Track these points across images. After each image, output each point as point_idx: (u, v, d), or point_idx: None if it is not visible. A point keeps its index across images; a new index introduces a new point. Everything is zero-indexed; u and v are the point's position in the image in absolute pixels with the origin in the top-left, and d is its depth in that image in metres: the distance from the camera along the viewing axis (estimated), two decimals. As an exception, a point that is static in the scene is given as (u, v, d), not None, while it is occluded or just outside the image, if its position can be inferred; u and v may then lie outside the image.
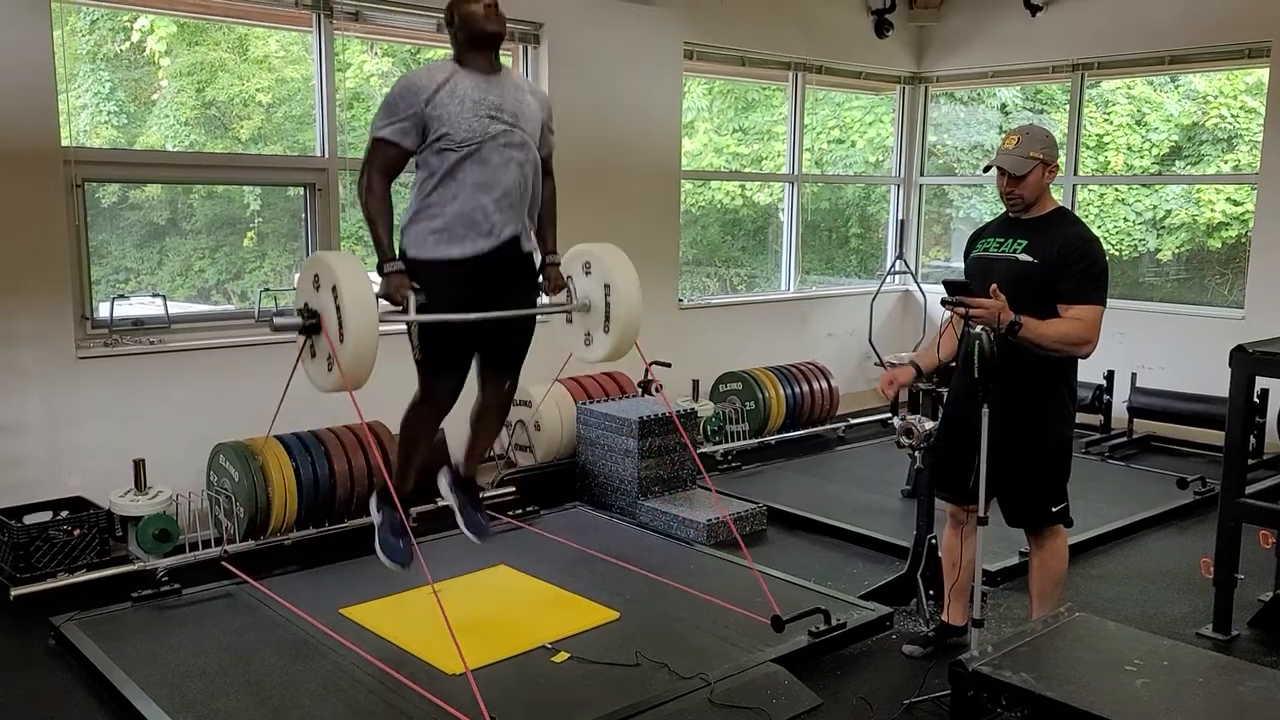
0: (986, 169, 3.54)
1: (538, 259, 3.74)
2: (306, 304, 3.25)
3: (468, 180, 3.39)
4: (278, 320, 3.34)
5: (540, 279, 3.73)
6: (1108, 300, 3.38)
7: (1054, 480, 3.49)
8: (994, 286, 3.23)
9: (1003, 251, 3.45)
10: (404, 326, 3.43)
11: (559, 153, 3.79)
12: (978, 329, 3.16)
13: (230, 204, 6.52)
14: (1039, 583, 3.62)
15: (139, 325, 4.87)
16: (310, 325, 3.22)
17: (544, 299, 3.78)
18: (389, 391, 3.69)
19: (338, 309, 3.10)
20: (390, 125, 3.35)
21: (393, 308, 3.37)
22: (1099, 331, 3.34)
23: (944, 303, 3.31)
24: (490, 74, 3.48)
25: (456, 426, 3.96)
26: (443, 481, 4.00)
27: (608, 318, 3.71)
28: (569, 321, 3.86)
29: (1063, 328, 3.25)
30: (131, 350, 4.76)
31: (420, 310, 3.38)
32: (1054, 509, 3.50)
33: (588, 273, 3.77)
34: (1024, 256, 3.39)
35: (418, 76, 3.41)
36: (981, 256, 3.53)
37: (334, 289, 3.12)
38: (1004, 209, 3.56)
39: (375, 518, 3.77)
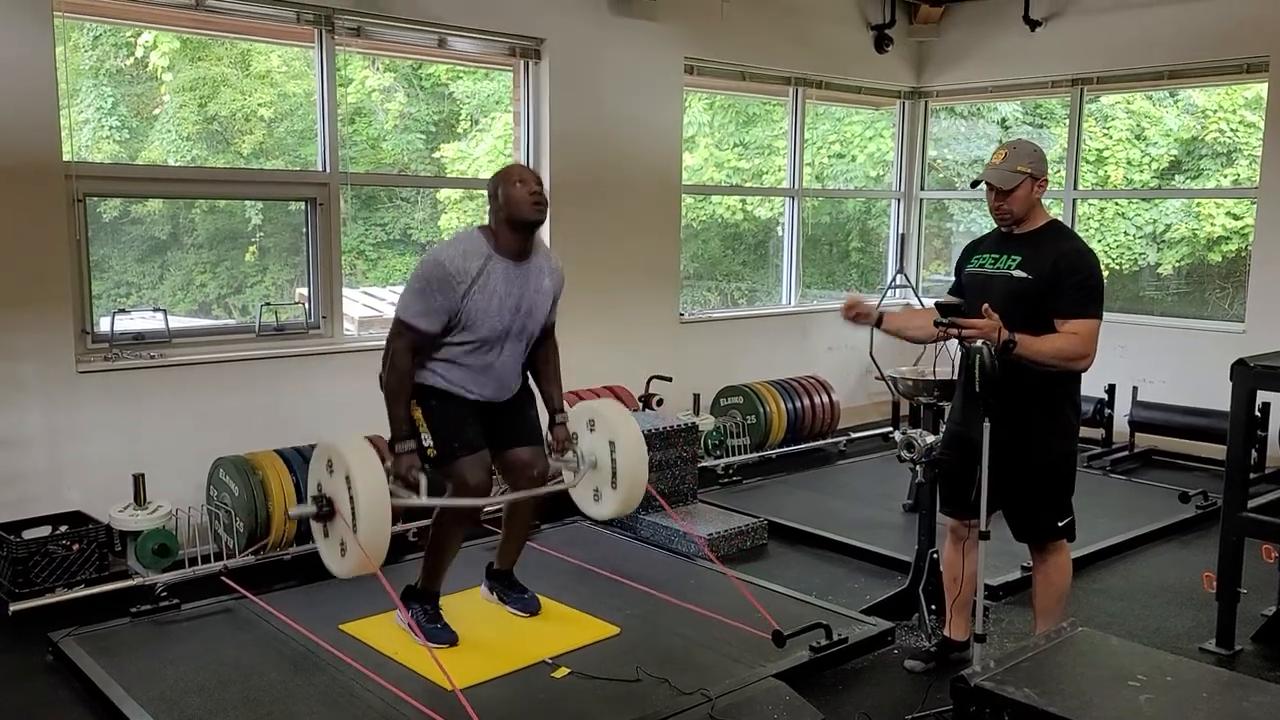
0: (975, 184, 3.55)
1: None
2: (320, 490, 3.39)
3: (479, 367, 3.62)
4: (293, 511, 3.54)
5: (548, 435, 3.89)
6: (1105, 313, 3.38)
7: (1058, 495, 3.48)
8: (986, 306, 3.24)
9: (998, 268, 3.45)
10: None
11: (560, 168, 3.82)
12: (979, 342, 3.16)
13: (231, 218, 6.55)
14: (1043, 598, 3.60)
15: (139, 340, 4.87)
16: (325, 513, 3.35)
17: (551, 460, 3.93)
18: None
19: (350, 497, 3.24)
20: (423, 315, 3.48)
21: (404, 491, 3.50)
22: (1096, 345, 3.33)
23: (937, 324, 3.32)
24: (521, 261, 3.60)
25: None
26: (482, 588, 4.19)
27: (614, 474, 3.84)
28: (572, 482, 3.98)
29: (1058, 343, 3.25)
30: (132, 365, 4.76)
31: (429, 422, 3.56)
32: (1059, 523, 3.48)
33: (592, 430, 3.91)
34: (1019, 272, 3.39)
35: (454, 263, 3.48)
36: (977, 273, 3.53)
37: (345, 476, 3.25)
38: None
39: (404, 617, 3.80)
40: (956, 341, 3.33)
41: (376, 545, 3.25)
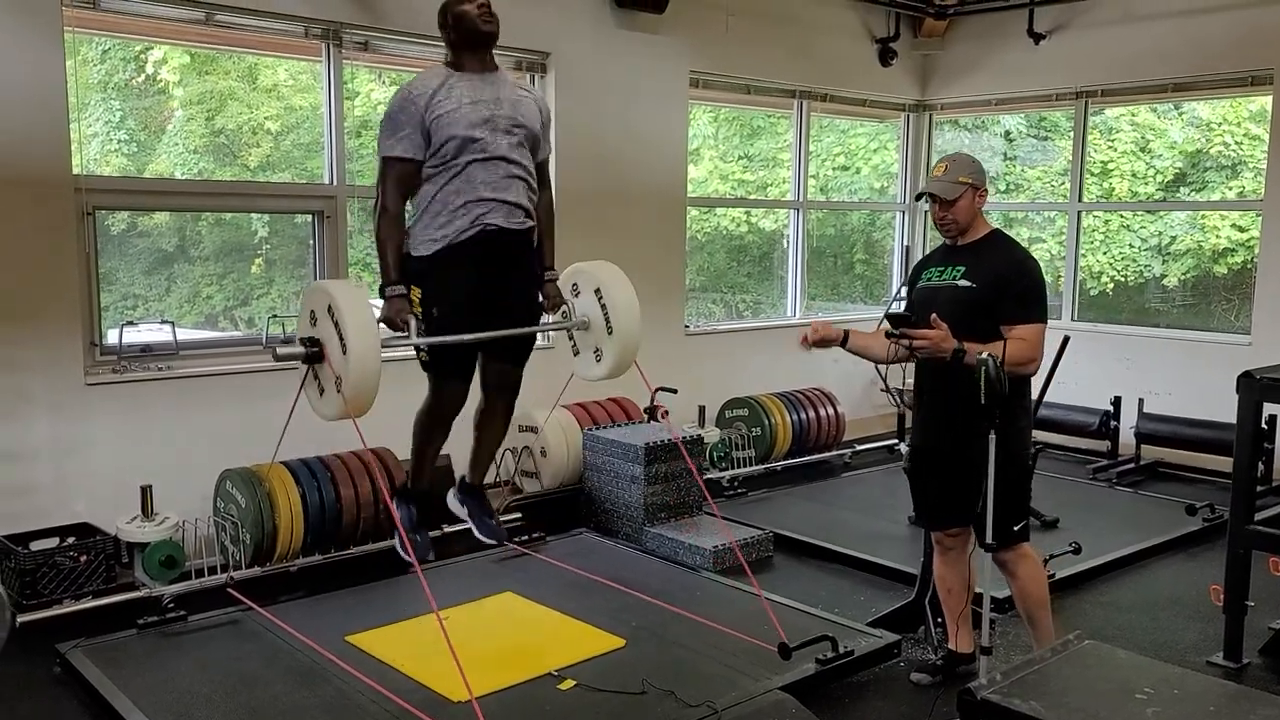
0: (919, 197, 3.61)
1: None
2: (309, 331, 3.27)
3: (470, 176, 3.41)
4: (281, 349, 3.34)
5: (539, 295, 3.74)
6: (1111, 325, 3.40)
7: (1013, 499, 3.47)
8: (934, 316, 3.27)
9: (944, 280, 3.50)
10: (403, 349, 3.48)
11: (566, 179, 3.82)
12: (984, 354, 3.17)
13: (238, 231, 6.57)
14: (1024, 608, 3.64)
15: (147, 352, 4.89)
16: (313, 354, 3.22)
17: (544, 317, 3.78)
18: (394, 418, 3.71)
19: (340, 336, 3.11)
20: (397, 140, 3.38)
21: (394, 332, 3.39)
22: (1043, 349, 3.41)
23: (888, 335, 3.35)
24: (485, 73, 3.49)
25: (459, 446, 3.96)
26: (451, 499, 4.02)
27: (609, 333, 3.72)
28: (571, 340, 3.86)
29: (1008, 350, 3.25)
30: (139, 377, 4.77)
31: (426, 308, 3.41)
32: (1014, 527, 3.49)
33: (578, 293, 3.79)
34: (963, 282, 3.44)
35: (412, 86, 3.42)
36: (925, 286, 3.59)
37: (334, 317, 3.13)
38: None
39: (395, 513, 3.75)
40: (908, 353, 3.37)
41: (364, 387, 3.12)
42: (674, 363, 6.64)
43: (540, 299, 3.73)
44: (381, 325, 3.33)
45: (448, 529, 4.79)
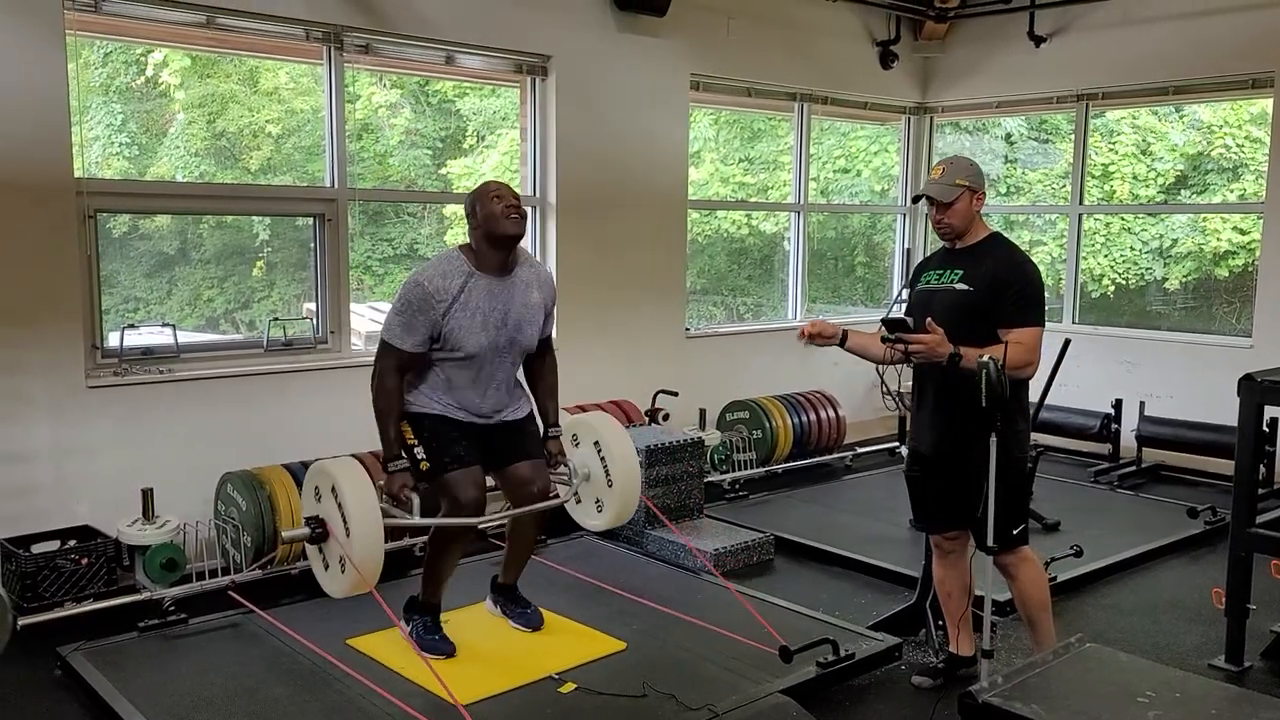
0: (916, 199, 3.61)
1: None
2: (313, 512, 3.41)
3: (470, 382, 3.63)
4: (286, 533, 3.57)
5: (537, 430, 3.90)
6: (1112, 328, 3.41)
7: (1012, 502, 3.47)
8: (929, 321, 3.27)
9: (942, 283, 3.50)
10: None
11: (567, 183, 3.84)
12: (985, 357, 3.17)
13: (239, 234, 6.57)
14: (1025, 611, 3.63)
15: (148, 354, 4.89)
16: (318, 534, 3.37)
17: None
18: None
19: (343, 518, 3.26)
20: (408, 335, 3.52)
21: (397, 509, 3.53)
22: (1040, 352, 3.40)
23: (884, 339, 3.35)
24: (503, 275, 3.62)
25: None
26: (488, 602, 4.20)
27: (609, 485, 3.90)
28: (574, 492, 4.01)
29: (1006, 354, 3.25)
30: (141, 379, 4.78)
31: (420, 437, 3.59)
32: (1014, 531, 3.49)
33: (578, 443, 3.98)
34: (961, 285, 3.43)
35: (434, 283, 3.51)
36: (923, 289, 3.59)
37: (337, 500, 3.29)
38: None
39: (404, 629, 3.83)
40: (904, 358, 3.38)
41: (370, 565, 3.26)
42: (675, 365, 6.65)
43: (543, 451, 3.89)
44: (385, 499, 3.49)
45: (473, 537, 4.79)
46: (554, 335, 3.92)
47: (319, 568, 3.48)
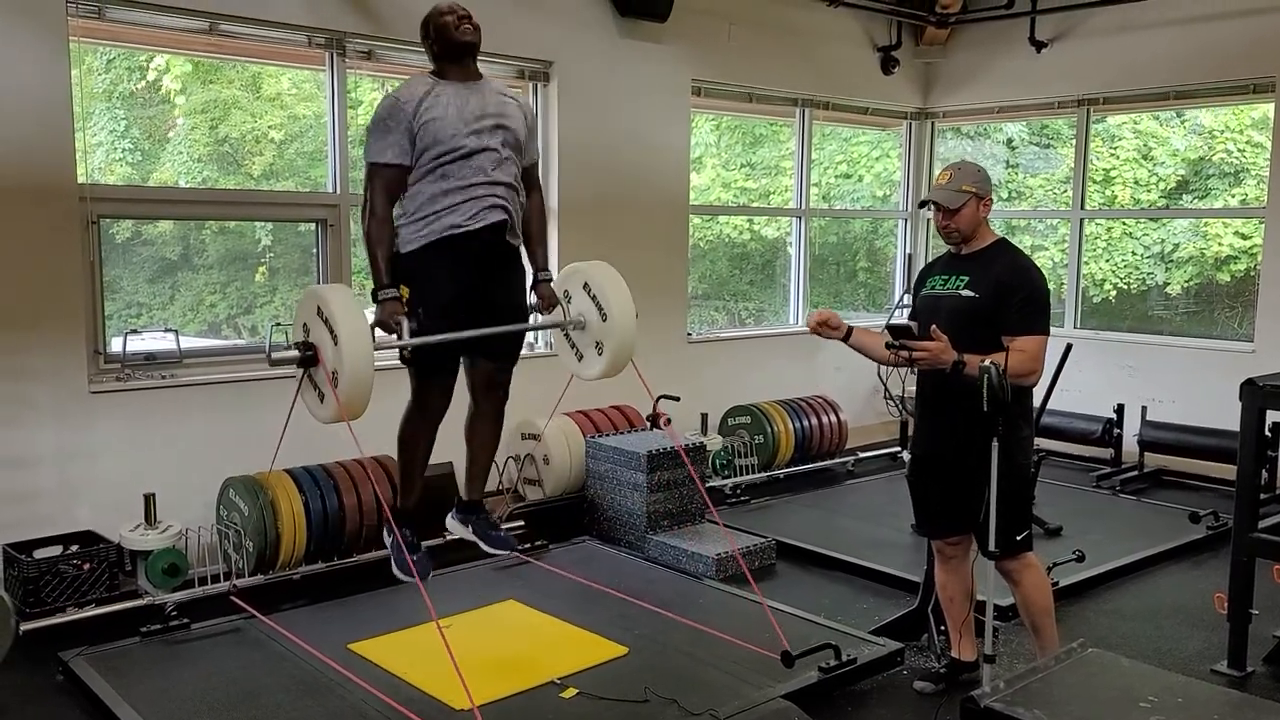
0: (922, 205, 3.60)
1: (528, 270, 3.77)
2: (304, 336, 3.29)
3: (458, 179, 3.44)
4: (275, 354, 3.37)
5: (532, 296, 3.75)
6: (1114, 333, 3.40)
7: (1015, 508, 3.47)
8: (934, 328, 3.27)
9: (947, 288, 3.50)
10: (399, 357, 3.52)
11: (568, 187, 3.84)
12: (987, 362, 3.17)
13: (242, 239, 6.57)
14: (1029, 616, 3.63)
15: (151, 360, 4.90)
16: (308, 357, 3.25)
17: (536, 316, 3.79)
18: (393, 426, 3.71)
19: (332, 335, 3.14)
20: (386, 146, 3.41)
21: (387, 335, 3.41)
22: (1044, 360, 3.40)
23: (888, 346, 3.35)
24: (470, 81, 3.53)
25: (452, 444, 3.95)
26: (451, 520, 3.99)
27: (603, 320, 3.73)
28: (567, 337, 3.86)
29: (1007, 361, 3.25)
30: (143, 385, 4.79)
31: (411, 308, 3.42)
32: (1017, 537, 3.48)
33: (570, 297, 3.80)
34: (966, 292, 3.43)
35: (399, 93, 3.46)
36: (928, 295, 3.59)
37: (325, 316, 3.16)
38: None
39: (387, 540, 3.77)
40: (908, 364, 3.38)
41: (358, 389, 3.15)
42: (676, 370, 6.65)
43: (534, 300, 3.75)
44: (376, 329, 3.36)
45: (449, 536, 4.78)
46: (539, 164, 3.76)
47: (310, 398, 3.35)
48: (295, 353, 3.28)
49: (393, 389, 3.73)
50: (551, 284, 3.78)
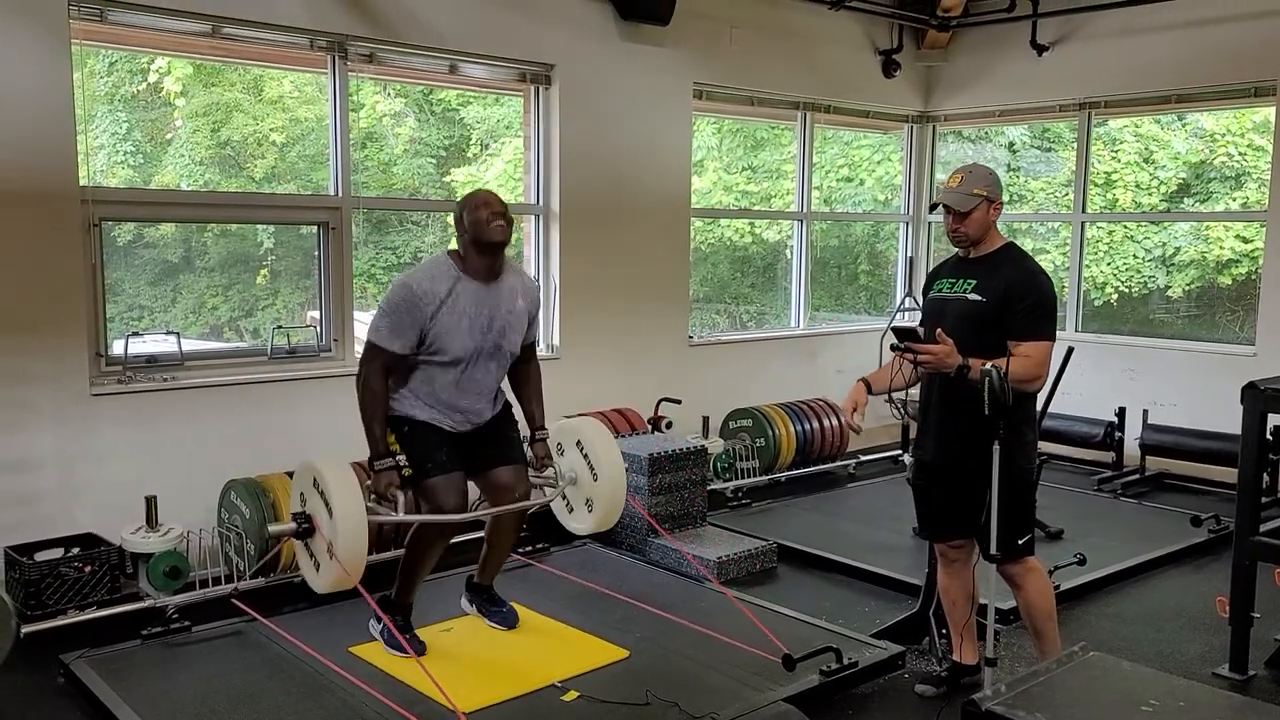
0: (933, 208, 3.60)
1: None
2: (301, 506, 3.47)
3: (453, 384, 3.69)
4: (273, 527, 3.58)
5: (528, 450, 3.95)
6: (1115, 336, 3.41)
7: (1018, 512, 3.47)
8: (939, 331, 3.27)
9: (954, 292, 3.50)
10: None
11: (570, 191, 3.86)
12: (988, 365, 3.17)
13: (244, 242, 6.58)
14: (1031, 621, 3.63)
15: (153, 362, 4.90)
16: (304, 529, 3.42)
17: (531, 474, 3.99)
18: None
19: (326, 505, 3.32)
20: (395, 337, 3.57)
21: (383, 507, 3.58)
22: (1049, 366, 3.40)
23: (893, 348, 3.35)
24: (490, 281, 3.68)
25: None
26: (463, 602, 4.25)
27: (594, 480, 3.96)
28: (564, 499, 4.09)
29: (1012, 367, 3.24)
30: (145, 387, 4.79)
31: (409, 449, 3.63)
32: (1019, 541, 3.48)
33: (563, 452, 4.05)
34: (974, 296, 3.43)
35: (422, 286, 3.58)
36: (935, 298, 3.59)
37: (324, 495, 3.33)
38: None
39: (374, 629, 3.95)
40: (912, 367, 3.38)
41: (354, 560, 3.29)
42: (678, 373, 6.66)
43: (530, 455, 3.95)
44: (370, 501, 3.54)
45: (452, 539, 4.79)
46: (539, 343, 3.99)
47: (306, 565, 3.51)
48: (292, 525, 3.45)
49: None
50: (546, 443, 3.99)
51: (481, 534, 4.15)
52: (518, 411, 4.00)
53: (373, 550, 3.47)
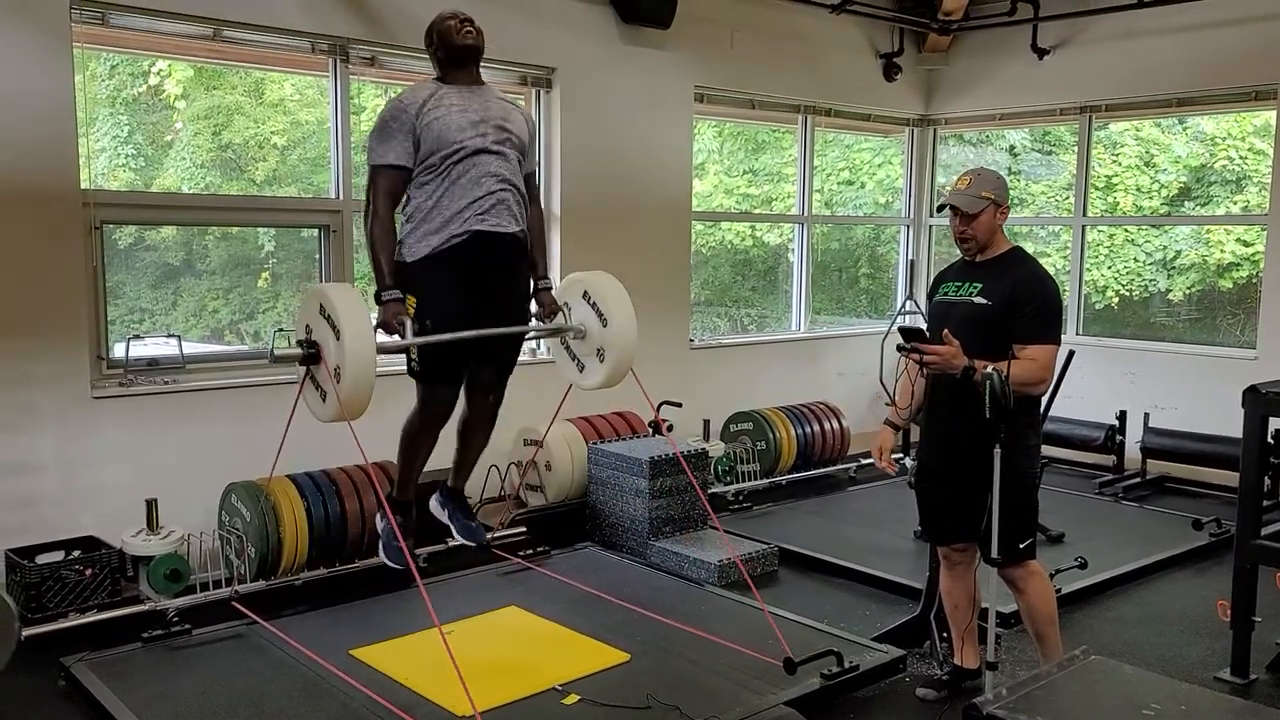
0: (940, 209, 3.60)
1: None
2: (307, 335, 3.29)
3: (461, 181, 3.45)
4: (278, 351, 3.36)
5: (533, 304, 3.77)
6: (1116, 339, 3.41)
7: (1020, 516, 3.47)
8: (946, 332, 3.27)
9: (960, 295, 3.50)
10: (403, 363, 3.56)
11: (570, 194, 3.85)
12: (989, 368, 3.17)
13: (245, 245, 6.59)
14: (1033, 625, 3.63)
15: (154, 365, 4.90)
16: (310, 355, 3.25)
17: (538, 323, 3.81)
18: (395, 431, 3.72)
19: (336, 337, 3.14)
20: (389, 148, 3.44)
21: (389, 337, 3.42)
22: (1053, 370, 3.40)
23: (899, 348, 3.35)
24: (473, 85, 3.57)
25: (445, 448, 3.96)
26: (433, 502, 4.05)
27: (603, 326, 3.73)
28: (567, 347, 3.86)
29: (1016, 370, 3.25)
30: (146, 390, 4.79)
31: (418, 319, 3.43)
32: (1020, 545, 3.48)
33: (570, 307, 3.82)
34: (979, 299, 3.43)
35: (403, 96, 3.51)
36: (941, 301, 3.59)
37: (327, 313, 3.17)
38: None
39: (379, 525, 3.86)
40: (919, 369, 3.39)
41: (361, 387, 3.15)
42: (679, 376, 6.65)
43: (535, 308, 3.78)
44: (379, 331, 3.37)
45: (451, 542, 4.79)
46: (538, 177, 3.79)
47: (312, 396, 3.35)
48: (298, 350, 3.27)
49: (394, 396, 3.74)
50: (552, 291, 3.81)
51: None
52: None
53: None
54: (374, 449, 4.36)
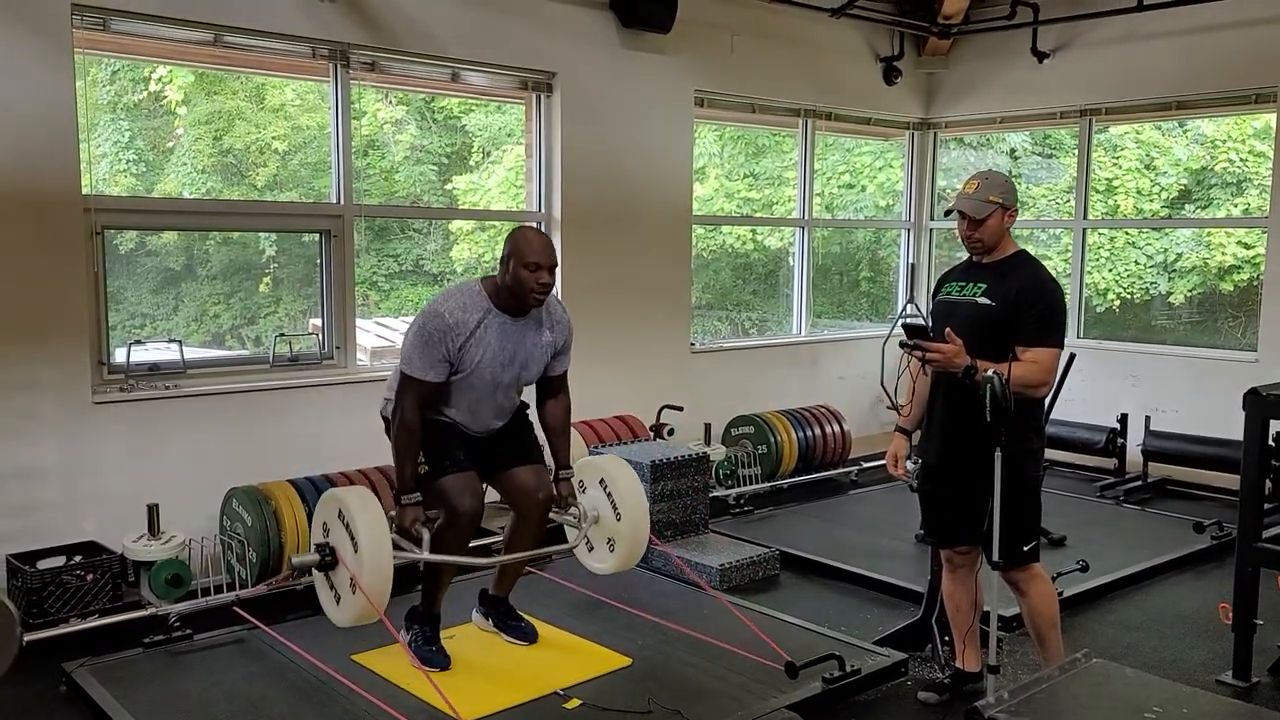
0: (947, 213, 3.60)
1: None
2: (324, 535, 3.44)
3: (466, 402, 3.69)
4: (295, 559, 3.53)
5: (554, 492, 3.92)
6: (1117, 342, 3.41)
7: (1024, 518, 3.46)
8: (948, 331, 3.27)
9: (964, 295, 3.50)
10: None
11: (572, 198, 3.86)
12: (990, 371, 3.17)
13: (246, 250, 6.60)
14: (1035, 627, 3.62)
15: (155, 370, 4.90)
16: (327, 561, 3.39)
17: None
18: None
19: (354, 547, 3.29)
20: (429, 366, 3.54)
21: (408, 542, 3.56)
22: (1055, 373, 3.39)
23: (902, 345, 3.35)
24: (519, 317, 3.67)
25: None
26: (475, 615, 4.21)
27: (617, 519, 3.93)
28: (585, 539, 4.04)
29: (1018, 371, 3.25)
30: (147, 395, 4.79)
31: (426, 446, 3.61)
32: (1024, 547, 3.47)
33: (584, 489, 4.02)
34: (983, 300, 3.43)
35: (453, 315, 3.55)
36: (944, 300, 3.59)
37: (349, 527, 3.31)
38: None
39: (403, 636, 3.85)
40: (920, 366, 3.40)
41: (378, 595, 3.28)
42: (680, 380, 6.66)
43: (554, 493, 3.91)
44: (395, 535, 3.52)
45: (469, 542, 4.79)
46: (568, 360, 3.90)
47: (326, 598, 3.49)
48: (315, 557, 3.41)
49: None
50: (570, 481, 3.96)
51: (498, 541, 4.14)
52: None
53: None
54: (378, 452, 4.37)
